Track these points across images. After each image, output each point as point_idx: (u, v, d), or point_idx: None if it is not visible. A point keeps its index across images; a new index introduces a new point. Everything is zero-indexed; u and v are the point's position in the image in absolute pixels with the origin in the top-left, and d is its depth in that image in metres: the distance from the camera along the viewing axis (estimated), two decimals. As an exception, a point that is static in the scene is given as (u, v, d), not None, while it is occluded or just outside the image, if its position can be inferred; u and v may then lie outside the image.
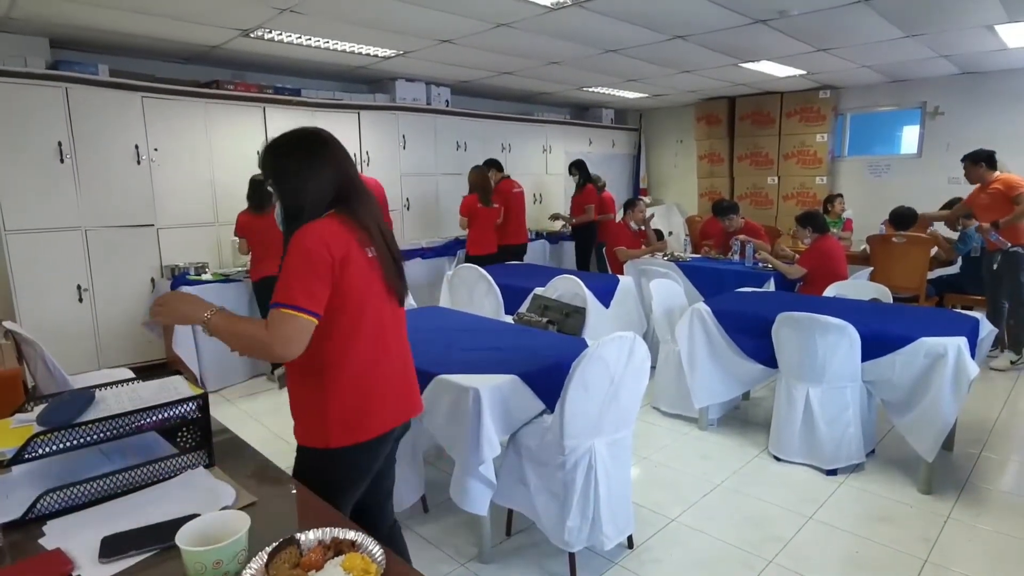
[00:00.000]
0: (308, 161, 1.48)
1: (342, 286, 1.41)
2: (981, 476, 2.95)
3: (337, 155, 1.52)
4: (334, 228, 1.43)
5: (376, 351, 1.50)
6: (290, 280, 1.36)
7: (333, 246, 1.40)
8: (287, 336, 1.34)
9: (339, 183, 1.49)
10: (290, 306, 1.34)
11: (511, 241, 5.75)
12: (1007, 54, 5.26)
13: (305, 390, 1.48)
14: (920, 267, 4.82)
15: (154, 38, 4.29)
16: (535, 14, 3.89)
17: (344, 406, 1.45)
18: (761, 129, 7.51)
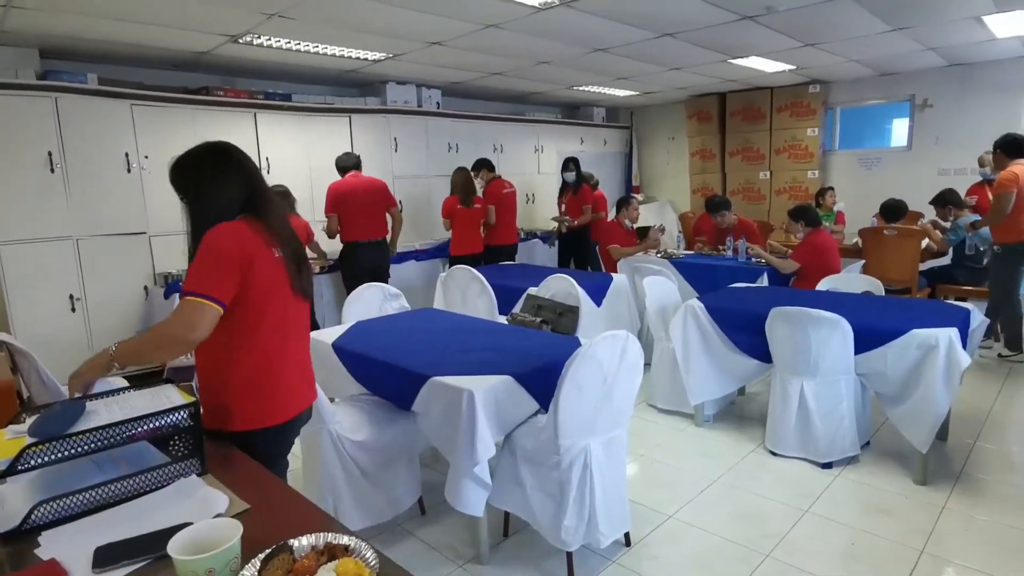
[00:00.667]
0: (217, 175, 1.60)
1: (249, 282, 1.53)
2: (976, 466, 2.97)
3: (244, 166, 1.64)
4: (244, 229, 1.56)
5: (277, 343, 1.63)
6: (200, 272, 1.49)
7: (243, 245, 1.53)
8: (192, 321, 1.45)
9: (247, 192, 1.61)
10: (197, 294, 1.46)
11: (501, 241, 5.76)
12: (995, 45, 5.29)
13: (211, 378, 1.60)
14: (912, 259, 4.84)
15: (142, 46, 4.28)
16: (523, 14, 3.90)
17: (246, 394, 1.59)
18: (752, 124, 7.53)
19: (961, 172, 6.32)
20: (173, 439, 1.33)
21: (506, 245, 5.81)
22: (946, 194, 5.17)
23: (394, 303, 3.48)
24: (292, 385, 1.69)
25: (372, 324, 3.11)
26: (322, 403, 2.28)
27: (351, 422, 2.43)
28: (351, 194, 4.73)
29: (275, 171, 5.14)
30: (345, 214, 4.74)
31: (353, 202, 4.73)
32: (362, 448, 2.38)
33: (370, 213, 4.79)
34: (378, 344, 2.72)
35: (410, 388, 2.34)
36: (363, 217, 4.77)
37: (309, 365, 1.82)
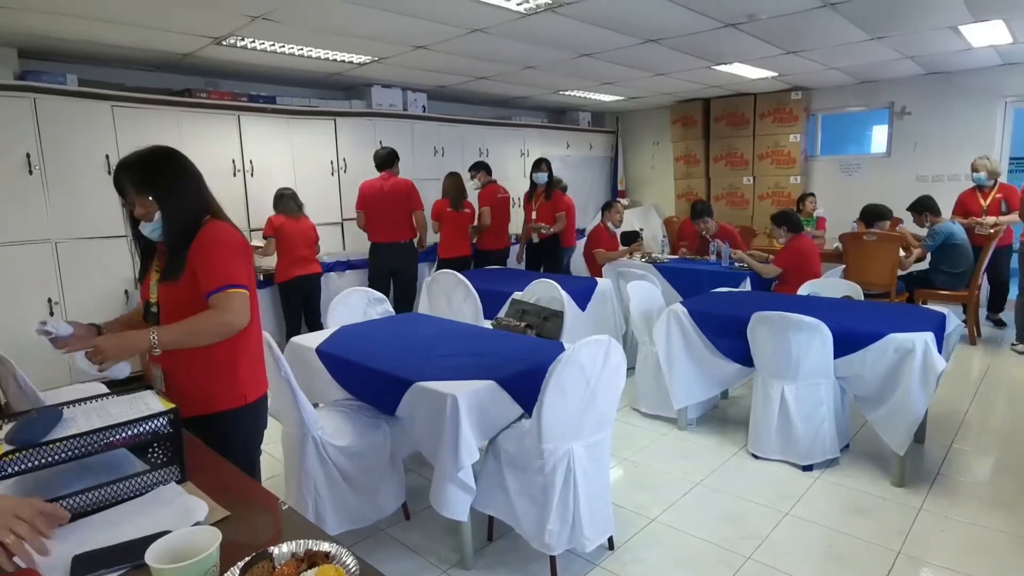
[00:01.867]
0: (187, 175, 1.74)
1: (250, 269, 1.75)
2: (952, 468, 3.02)
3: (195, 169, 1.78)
4: (233, 227, 1.76)
5: (258, 323, 1.85)
6: (229, 265, 1.67)
7: (241, 239, 1.75)
8: (243, 310, 1.66)
9: (205, 193, 1.76)
10: (235, 285, 1.65)
11: (492, 246, 5.77)
12: (972, 54, 5.40)
13: (217, 358, 1.72)
14: (890, 264, 4.93)
15: (124, 47, 4.23)
16: (509, 19, 3.91)
17: (250, 365, 1.81)
18: (736, 130, 7.61)
19: (939, 178, 6.44)
20: (152, 446, 1.32)
21: (498, 249, 5.82)
22: (924, 201, 5.27)
23: (379, 307, 3.47)
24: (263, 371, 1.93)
25: (356, 329, 3.10)
26: (305, 408, 2.27)
27: (334, 427, 2.42)
28: (375, 195, 4.93)
29: (259, 174, 5.11)
30: (368, 214, 4.96)
31: (376, 203, 4.93)
32: (345, 453, 2.37)
33: (390, 215, 4.93)
34: (362, 349, 2.71)
35: (394, 393, 2.34)
36: (383, 219, 4.95)
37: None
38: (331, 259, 5.22)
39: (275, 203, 4.66)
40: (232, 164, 4.99)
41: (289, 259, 4.62)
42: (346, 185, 5.74)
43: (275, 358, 2.25)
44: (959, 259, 5.06)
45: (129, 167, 1.69)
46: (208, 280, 1.65)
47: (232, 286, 1.65)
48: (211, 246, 1.67)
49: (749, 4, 3.83)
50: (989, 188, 5.24)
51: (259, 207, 5.04)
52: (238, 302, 1.65)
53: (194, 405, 1.67)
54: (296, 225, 4.64)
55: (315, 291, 4.78)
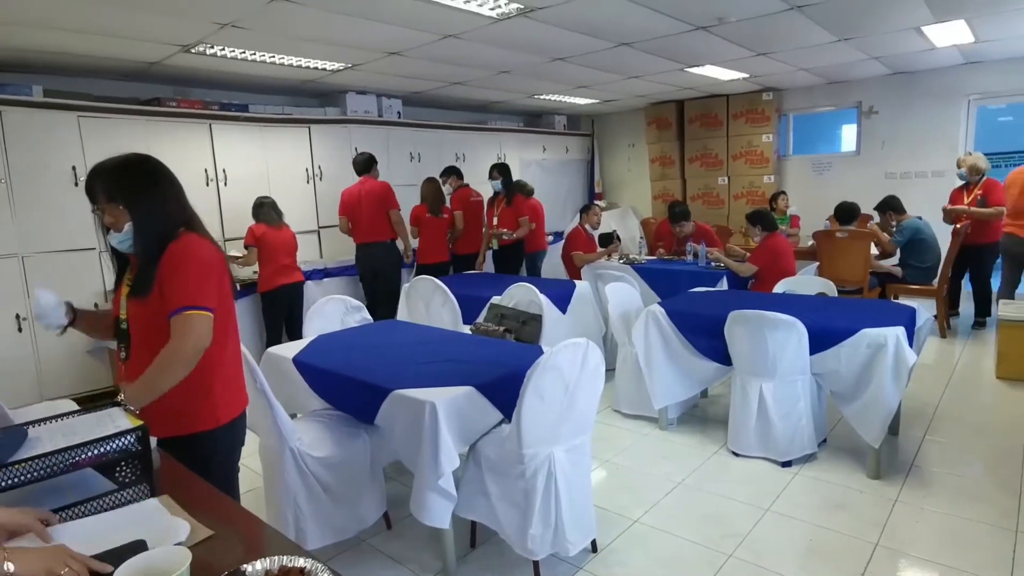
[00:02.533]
0: (163, 183, 1.68)
1: (223, 287, 1.68)
2: (926, 459, 3.08)
3: (175, 180, 1.72)
4: (208, 242, 1.69)
5: (236, 341, 1.81)
6: (196, 284, 1.60)
7: (216, 254, 1.68)
8: (202, 333, 1.57)
9: (184, 204, 1.71)
10: (197, 307, 1.58)
11: (468, 250, 5.76)
12: (935, 54, 5.54)
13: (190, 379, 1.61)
14: (863, 260, 5.02)
15: (90, 56, 4.15)
16: (482, 25, 3.92)
17: (226, 385, 1.75)
18: (710, 131, 7.71)
19: (906, 175, 6.59)
20: (120, 465, 1.29)
21: (473, 253, 5.80)
22: (889, 201, 5.38)
23: (356, 315, 3.44)
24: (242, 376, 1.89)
25: (333, 338, 3.07)
26: (282, 420, 2.24)
27: (313, 438, 2.39)
28: (354, 199, 5.10)
29: (232, 183, 5.05)
30: (350, 218, 5.13)
31: (355, 206, 5.10)
32: (324, 464, 2.34)
33: (368, 217, 5.08)
34: (339, 358, 2.69)
35: (372, 402, 2.32)
36: (361, 221, 5.09)
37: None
38: (308, 267, 5.17)
39: (255, 212, 4.58)
40: (204, 173, 4.92)
41: (272, 268, 4.56)
42: (322, 193, 5.69)
43: (250, 369, 2.21)
44: (926, 254, 5.18)
45: (101, 173, 1.63)
46: (172, 299, 1.58)
47: (194, 308, 1.57)
48: (181, 262, 1.60)
49: (718, 7, 3.88)
50: (974, 184, 5.17)
51: (233, 216, 4.97)
52: (198, 324, 1.57)
53: (168, 426, 1.62)
54: (278, 234, 4.59)
55: (298, 300, 4.74)
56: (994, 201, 4.97)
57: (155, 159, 1.71)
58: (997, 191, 5.00)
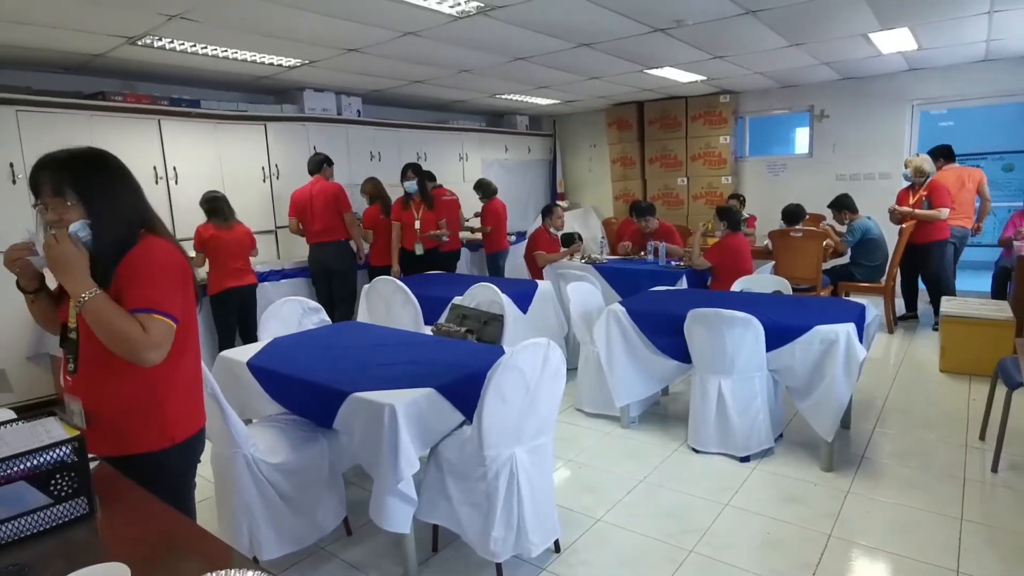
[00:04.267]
0: (121, 179, 1.57)
1: (187, 298, 1.57)
2: (875, 451, 3.19)
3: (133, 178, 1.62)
4: (173, 246, 1.57)
5: (196, 355, 1.69)
6: (160, 288, 1.47)
7: (182, 261, 1.57)
8: (160, 341, 1.45)
9: (144, 203, 1.60)
10: (164, 313, 1.46)
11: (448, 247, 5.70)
12: (881, 60, 5.75)
13: (140, 397, 1.53)
14: (815, 259, 5.17)
15: (28, 47, 3.94)
16: (440, 23, 3.88)
17: (181, 404, 1.62)
18: (669, 132, 7.83)
19: (855, 177, 6.82)
20: (55, 478, 1.21)
21: (449, 252, 5.75)
22: (842, 199, 5.56)
23: (314, 317, 3.35)
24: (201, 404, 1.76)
25: (290, 340, 2.99)
26: (235, 425, 2.16)
27: (268, 444, 2.32)
28: (304, 200, 5.05)
29: (184, 181, 4.87)
30: (302, 218, 5.08)
31: (306, 207, 5.04)
32: (280, 471, 2.27)
33: (320, 218, 5.02)
34: (296, 361, 2.61)
35: (330, 405, 2.26)
36: (315, 221, 5.03)
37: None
38: (265, 268, 5.04)
39: (205, 208, 4.35)
40: (154, 171, 4.74)
41: (222, 271, 4.39)
42: (279, 192, 5.55)
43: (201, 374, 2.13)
44: (875, 252, 5.38)
45: (49, 164, 1.47)
46: (133, 298, 1.44)
47: (158, 312, 1.44)
48: (146, 267, 1.47)
49: (677, 10, 3.93)
50: (919, 186, 5.27)
51: (185, 216, 4.80)
52: (158, 330, 1.43)
53: (116, 444, 1.51)
54: (228, 235, 4.37)
55: (250, 303, 4.58)
56: (937, 202, 5.11)
57: (112, 155, 1.60)
58: (940, 192, 5.13)
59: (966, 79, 6.17)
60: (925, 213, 5.16)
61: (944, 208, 5.09)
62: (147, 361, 1.43)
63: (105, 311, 1.41)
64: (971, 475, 2.89)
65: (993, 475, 2.89)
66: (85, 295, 1.40)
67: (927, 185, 5.23)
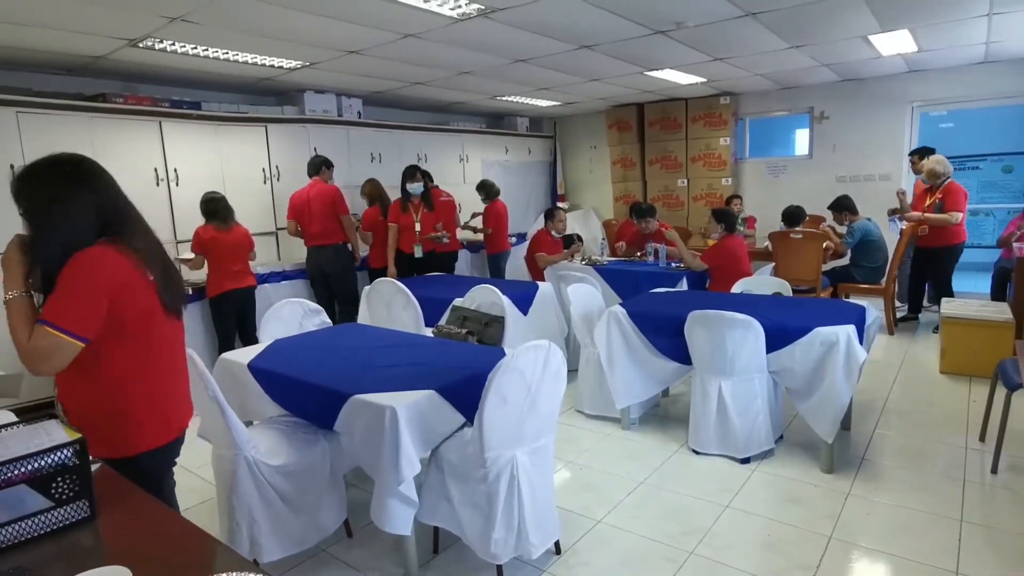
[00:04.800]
0: (67, 189, 1.53)
1: (126, 309, 1.52)
2: (876, 452, 3.19)
3: (98, 181, 1.58)
4: (112, 256, 1.51)
5: (164, 364, 1.67)
6: (65, 302, 1.45)
7: (115, 273, 1.50)
8: (43, 352, 1.43)
9: (105, 210, 1.55)
10: (56, 327, 1.43)
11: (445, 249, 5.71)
12: (880, 61, 5.75)
13: (102, 404, 1.57)
14: (815, 261, 5.17)
15: (29, 49, 3.95)
16: (441, 25, 3.88)
17: (146, 414, 1.62)
18: (669, 134, 7.83)
19: (856, 179, 6.82)
20: (55, 480, 1.22)
21: (447, 252, 5.75)
22: (842, 200, 5.56)
23: (315, 319, 3.36)
24: (180, 400, 1.76)
25: (291, 342, 2.99)
26: (236, 427, 2.16)
27: (269, 446, 2.32)
28: (302, 203, 5.05)
29: (185, 183, 4.88)
30: (299, 222, 5.08)
31: (305, 210, 5.03)
32: (281, 473, 2.27)
33: (317, 220, 5.02)
34: (297, 363, 2.62)
35: (331, 407, 2.26)
36: (312, 224, 5.03)
37: (187, 379, 1.85)
38: (266, 270, 5.04)
39: (205, 210, 4.34)
40: (155, 173, 4.74)
41: (221, 273, 4.37)
42: (279, 193, 5.56)
43: (201, 377, 2.13)
44: (876, 254, 5.38)
45: (15, 178, 1.55)
46: (44, 308, 1.46)
47: (51, 325, 1.42)
48: (64, 279, 1.46)
49: (677, 12, 3.94)
50: (935, 188, 5.14)
51: (186, 217, 4.80)
52: (45, 344, 1.42)
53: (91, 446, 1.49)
54: (228, 237, 4.35)
55: (250, 305, 4.58)
56: (951, 206, 4.99)
57: (74, 164, 1.57)
58: (954, 196, 5.00)
59: (966, 81, 6.18)
60: (936, 218, 5.06)
61: (956, 212, 4.98)
62: (34, 371, 1.45)
63: (13, 315, 1.46)
64: (971, 476, 2.89)
65: (993, 476, 2.89)
66: (8, 295, 1.47)
67: (943, 188, 5.10)
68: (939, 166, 5.13)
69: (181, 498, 1.93)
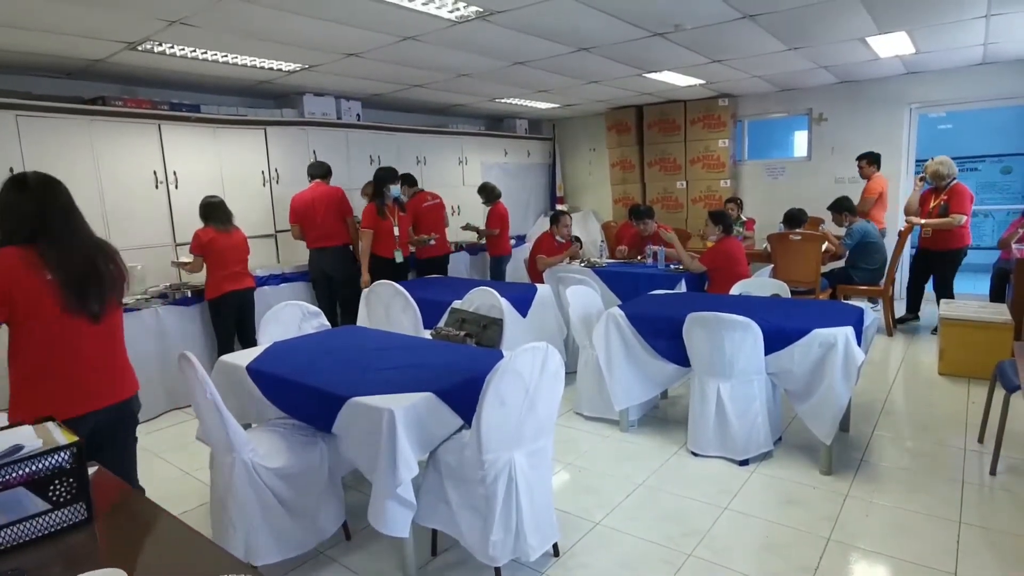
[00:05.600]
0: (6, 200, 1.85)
1: (15, 301, 1.78)
2: (874, 454, 3.19)
3: (35, 197, 1.85)
4: (11, 256, 1.78)
5: (42, 358, 1.86)
6: None
7: (7, 270, 1.77)
8: None
9: (34, 222, 1.83)
10: None
11: (430, 253, 5.71)
12: (878, 63, 5.76)
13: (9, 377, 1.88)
14: (814, 262, 5.17)
15: (28, 52, 3.96)
16: (440, 27, 3.89)
17: (17, 392, 1.88)
18: (668, 136, 7.84)
19: (854, 180, 6.80)
20: (53, 483, 1.22)
21: (436, 256, 5.76)
22: (842, 201, 5.56)
23: (314, 321, 3.36)
24: (70, 391, 1.90)
25: (289, 344, 2.99)
26: (233, 430, 2.16)
27: (267, 448, 2.32)
28: (304, 205, 5.05)
29: (184, 186, 4.88)
30: (303, 223, 5.07)
31: (308, 212, 5.03)
32: (280, 475, 2.27)
33: (323, 222, 5.04)
34: (295, 365, 2.62)
35: (329, 410, 2.26)
36: (316, 226, 5.05)
37: (80, 380, 1.93)
38: (265, 272, 5.04)
39: (204, 213, 4.34)
40: (154, 175, 4.75)
41: (220, 274, 4.36)
42: (279, 196, 5.56)
43: (200, 379, 2.14)
44: (874, 255, 5.38)
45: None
46: None
47: None
48: None
49: (675, 15, 3.95)
50: (940, 189, 5.04)
51: (185, 219, 4.81)
52: None
53: None
54: (228, 239, 4.34)
55: (248, 307, 4.57)
56: (955, 208, 4.90)
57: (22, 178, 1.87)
58: (960, 198, 4.90)
59: (964, 82, 6.19)
60: (940, 222, 4.95)
61: (960, 215, 4.88)
62: None
63: None
64: (970, 478, 2.89)
65: (992, 478, 2.89)
66: None
67: (948, 190, 4.99)
68: (943, 167, 5.01)
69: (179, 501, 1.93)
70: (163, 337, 4.31)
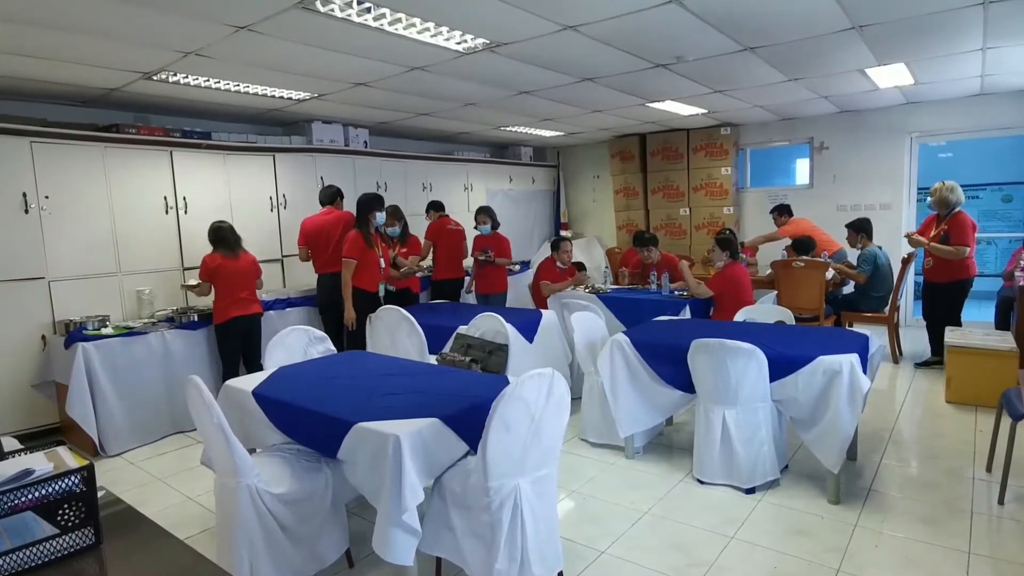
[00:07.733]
0: None
1: None
2: (883, 483, 3.15)
3: None
4: None
5: None
6: None
7: None
8: None
9: None
10: None
11: (444, 276, 5.80)
12: (879, 94, 5.85)
13: None
14: (818, 289, 5.18)
15: (45, 81, 4.06)
16: (447, 58, 3.98)
17: None
18: (671, 164, 7.93)
19: (856, 208, 6.87)
20: (62, 507, 1.22)
21: (451, 279, 5.83)
22: (863, 223, 5.52)
23: (320, 346, 3.37)
24: None
25: (295, 369, 3.00)
26: (239, 455, 2.17)
27: (272, 474, 2.32)
28: (315, 229, 5.05)
29: (193, 210, 4.95)
30: (313, 247, 5.06)
31: (319, 236, 5.02)
32: (283, 501, 2.26)
33: (331, 246, 5.01)
34: (301, 390, 2.63)
35: (334, 435, 2.26)
36: (324, 250, 5.01)
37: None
38: (271, 297, 5.07)
39: (212, 238, 4.37)
40: (164, 201, 4.82)
41: (227, 300, 4.37)
42: (286, 221, 5.63)
43: (206, 403, 2.15)
44: (882, 283, 5.38)
45: None
46: None
47: None
48: None
49: (676, 47, 4.04)
50: (943, 218, 4.82)
51: (194, 244, 4.86)
52: None
53: None
54: (235, 265, 4.35)
55: (255, 332, 4.58)
56: (957, 239, 4.66)
57: None
58: (961, 228, 4.67)
59: (963, 113, 6.27)
60: (943, 248, 4.70)
61: (963, 247, 4.63)
62: None
63: None
64: (978, 508, 2.86)
65: (1000, 507, 2.86)
66: None
67: (949, 219, 4.76)
68: (952, 195, 4.74)
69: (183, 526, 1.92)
70: (169, 361, 4.32)
